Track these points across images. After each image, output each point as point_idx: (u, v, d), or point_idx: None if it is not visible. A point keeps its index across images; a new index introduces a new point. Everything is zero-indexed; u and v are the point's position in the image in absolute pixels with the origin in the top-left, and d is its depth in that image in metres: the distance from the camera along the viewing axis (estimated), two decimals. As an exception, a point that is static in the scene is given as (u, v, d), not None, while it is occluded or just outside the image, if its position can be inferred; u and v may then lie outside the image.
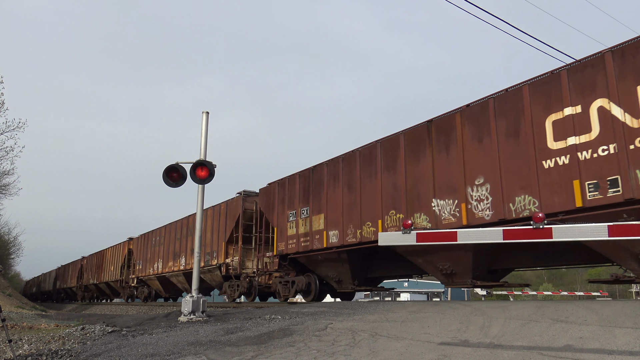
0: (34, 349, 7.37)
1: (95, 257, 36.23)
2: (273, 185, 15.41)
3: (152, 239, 25.73)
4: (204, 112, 10.73)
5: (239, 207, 17.40)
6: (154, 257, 24.42)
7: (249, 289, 16.71)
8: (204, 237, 18.52)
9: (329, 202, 12.65)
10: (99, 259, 35.21)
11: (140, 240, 27.35)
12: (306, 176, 13.79)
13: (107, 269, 32.61)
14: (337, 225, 12.25)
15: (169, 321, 9.59)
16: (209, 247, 18.87)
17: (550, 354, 4.36)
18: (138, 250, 27.37)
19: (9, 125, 29.18)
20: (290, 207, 14.29)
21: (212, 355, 5.55)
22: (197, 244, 10.39)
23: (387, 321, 6.69)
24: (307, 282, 14.20)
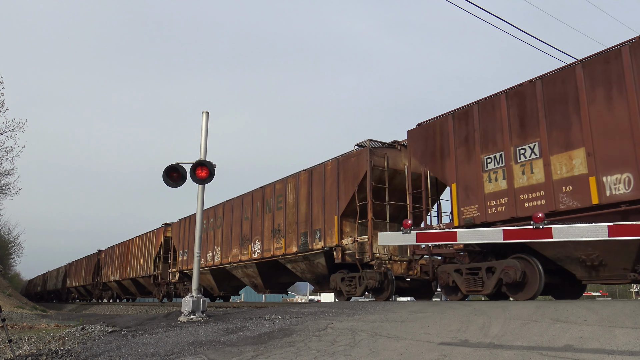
0: (34, 349, 7.37)
1: (118, 249, 31.40)
2: (442, 121, 10.56)
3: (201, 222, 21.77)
4: (204, 112, 10.73)
5: (364, 164, 12.18)
6: (207, 245, 19.67)
7: (381, 282, 11.81)
8: (295, 211, 14.48)
9: (596, 125, 7.74)
10: (122, 251, 30.43)
11: (183, 225, 22.21)
12: (524, 94, 8.90)
13: (135, 262, 27.82)
14: (626, 162, 7.31)
15: (169, 321, 9.60)
16: (305, 225, 14.08)
17: (550, 354, 4.36)
18: (180, 238, 22.29)
19: (9, 125, 29.22)
20: (489, 147, 9.36)
21: (212, 355, 5.55)
22: (197, 244, 10.39)
23: (387, 321, 6.69)
24: (523, 271, 8.78)
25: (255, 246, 16.38)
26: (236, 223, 17.77)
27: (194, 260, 10.36)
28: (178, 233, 22.75)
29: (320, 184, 13.71)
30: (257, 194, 16.69)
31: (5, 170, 32.84)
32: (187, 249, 21.39)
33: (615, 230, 3.55)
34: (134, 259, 28.23)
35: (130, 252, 29.01)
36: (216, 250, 18.96)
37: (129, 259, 29.12)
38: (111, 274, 32.20)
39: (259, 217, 16.30)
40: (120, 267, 30.50)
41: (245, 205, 17.33)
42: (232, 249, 17.85)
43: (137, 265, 27.47)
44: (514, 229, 3.99)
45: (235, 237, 17.68)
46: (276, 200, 15.52)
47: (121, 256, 30.63)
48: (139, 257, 27.42)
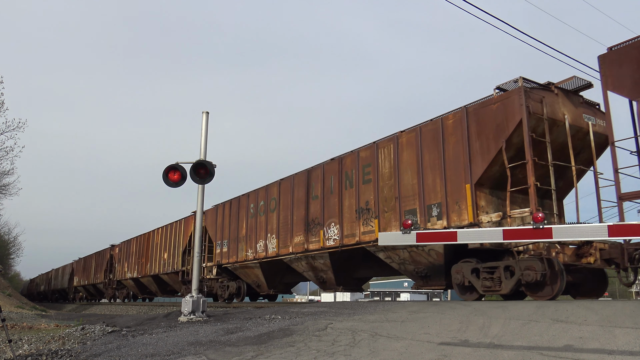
0: (34, 349, 7.37)
1: (135, 243, 28.12)
2: None
3: (247, 206, 17.23)
4: (204, 112, 10.73)
5: (516, 110, 9.25)
6: (257, 233, 16.40)
7: (543, 274, 8.61)
8: (394, 183, 11.45)
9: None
10: (141, 245, 27.05)
11: (222, 211, 18.86)
12: None
13: (157, 257, 24.49)
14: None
15: (169, 321, 9.60)
16: (411, 200, 10.98)
17: (550, 354, 4.36)
18: (218, 227, 19.10)
19: (9, 125, 29.23)
20: None
21: (212, 355, 5.55)
22: (197, 244, 10.39)
23: (387, 321, 6.69)
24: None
25: (330, 231, 13.17)
26: (299, 204, 14.50)
27: (194, 260, 10.36)
28: (215, 221, 19.35)
29: (436, 144, 10.60)
30: (330, 168, 13.55)
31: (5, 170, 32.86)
32: (228, 239, 18.05)
33: (615, 230, 3.55)
34: (156, 253, 24.75)
35: (152, 246, 25.49)
36: (270, 239, 15.59)
37: (149, 254, 25.64)
38: (127, 270, 28.86)
39: (335, 194, 13.11)
40: (138, 263, 27.16)
41: (312, 182, 14.10)
42: (293, 236, 14.55)
43: (161, 261, 24.07)
44: (514, 229, 3.99)
45: (299, 222, 14.39)
46: (362, 172, 12.40)
47: (139, 251, 27.25)
48: (163, 251, 24.01)
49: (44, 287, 55.89)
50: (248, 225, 17.06)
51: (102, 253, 34.42)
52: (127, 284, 29.91)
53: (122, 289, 31.31)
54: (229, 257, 17.92)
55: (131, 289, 29.92)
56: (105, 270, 33.03)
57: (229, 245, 17.98)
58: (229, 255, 17.89)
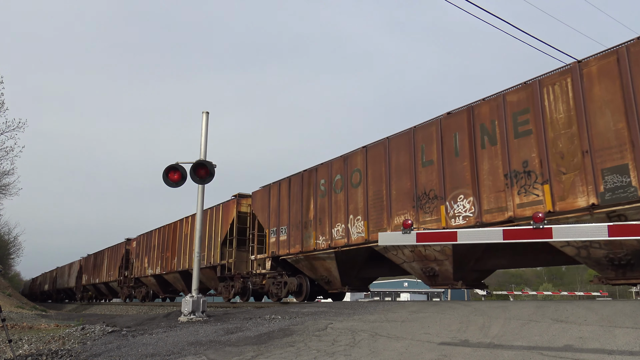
0: (34, 349, 7.37)
1: (158, 235, 24.76)
2: None
3: (315, 183, 13.79)
4: (204, 112, 10.73)
5: None
6: (330, 216, 12.97)
7: None
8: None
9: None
10: (165, 236, 23.77)
11: (275, 192, 15.41)
12: None
13: (186, 250, 21.31)
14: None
15: (169, 321, 9.60)
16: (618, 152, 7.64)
17: (550, 354, 4.36)
18: (272, 210, 15.55)
19: (9, 125, 29.28)
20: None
21: (212, 355, 5.55)
22: (197, 244, 10.39)
23: (387, 321, 6.69)
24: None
25: (458, 206, 9.86)
26: (400, 174, 11.02)
27: (194, 261, 10.36)
28: (266, 204, 15.86)
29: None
30: (452, 123, 10.18)
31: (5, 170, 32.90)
32: (287, 225, 14.64)
33: (615, 230, 3.55)
34: (185, 245, 21.47)
35: (179, 237, 22.14)
36: (354, 222, 12.18)
37: (176, 247, 22.23)
38: (147, 266, 25.37)
39: (463, 156, 9.85)
40: (162, 258, 23.82)
41: (421, 144, 10.70)
42: (392, 216, 11.09)
43: (192, 254, 20.29)
44: (514, 229, 3.99)
45: (401, 196, 10.94)
46: (512, 122, 9.15)
47: (163, 243, 23.86)
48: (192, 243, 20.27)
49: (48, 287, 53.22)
50: (318, 206, 13.46)
51: (116, 248, 31.18)
52: (146, 282, 26.48)
53: (140, 287, 27.87)
54: (289, 246, 14.51)
55: (151, 287, 26.36)
56: (120, 267, 29.77)
57: (289, 232, 14.56)
58: (290, 244, 14.48)
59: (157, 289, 25.65)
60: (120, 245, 30.68)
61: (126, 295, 29.52)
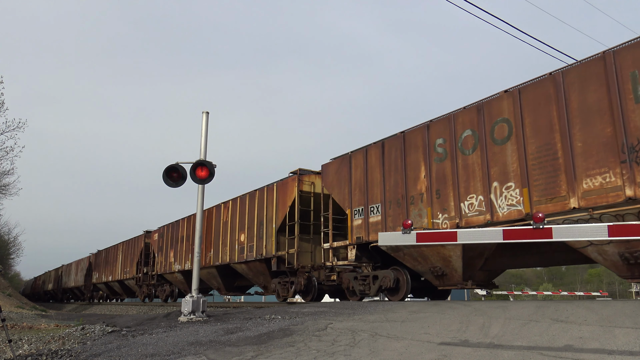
0: (34, 349, 7.37)
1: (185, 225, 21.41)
2: None
3: (426, 145, 10.73)
4: (204, 112, 10.74)
5: None
6: (455, 185, 10.00)
7: None
8: None
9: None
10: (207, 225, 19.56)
11: (363, 161, 12.23)
12: None
13: (228, 240, 17.76)
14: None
15: (169, 321, 9.60)
16: None
17: (550, 354, 4.36)
18: (354, 186, 12.42)
19: (9, 125, 29.27)
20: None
21: (212, 355, 5.55)
22: (197, 244, 10.40)
23: (387, 321, 6.69)
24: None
25: None
26: (590, 116, 7.96)
27: (194, 261, 10.36)
28: (346, 178, 12.63)
29: None
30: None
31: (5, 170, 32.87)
32: (381, 202, 11.47)
33: (615, 230, 3.55)
34: (224, 235, 18.21)
35: (216, 226, 18.87)
36: (499, 191, 9.21)
37: (211, 237, 19.22)
38: (174, 261, 22.29)
39: None
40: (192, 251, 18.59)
41: (636, 67, 7.52)
42: (577, 179, 8.01)
43: (234, 245, 17.34)
44: (514, 229, 3.99)
45: (594, 148, 7.90)
46: None
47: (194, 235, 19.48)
48: (237, 231, 17.31)
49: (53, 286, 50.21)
50: (432, 174, 10.52)
51: (134, 242, 27.85)
52: (172, 279, 23.17)
53: (162, 285, 24.51)
54: (385, 228, 11.46)
55: (178, 285, 23.08)
56: (139, 263, 26.52)
57: (385, 211, 11.39)
58: (385, 226, 11.39)
59: (185, 287, 22.24)
60: (138, 238, 27.23)
61: (145, 294, 26.17)
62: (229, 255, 17.69)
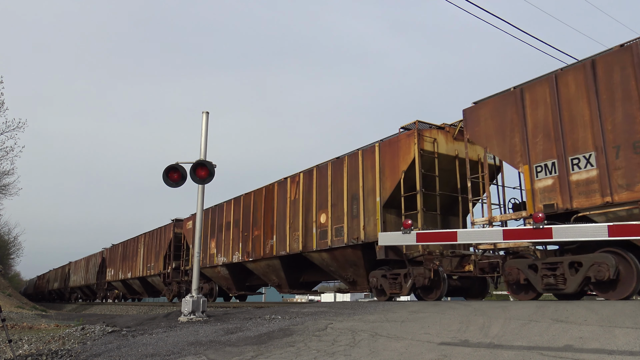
0: (34, 349, 7.37)
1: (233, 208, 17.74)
2: None
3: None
4: (204, 112, 10.74)
5: None
6: None
7: None
8: None
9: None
10: (248, 209, 16.65)
11: (533, 97, 9.09)
12: None
13: (293, 224, 14.48)
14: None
15: (169, 321, 9.60)
16: None
17: (550, 354, 4.36)
18: (523, 131, 9.14)
19: (9, 125, 29.28)
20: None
21: (212, 355, 5.55)
22: (197, 244, 10.40)
23: (387, 321, 6.69)
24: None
25: None
26: None
27: (194, 261, 10.36)
28: (516, 121, 9.33)
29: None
30: None
31: (5, 170, 32.86)
32: (593, 150, 8.09)
33: (615, 230, 3.55)
34: (292, 216, 14.49)
35: (279, 206, 15.05)
36: None
37: (272, 221, 15.27)
38: (216, 253, 18.43)
39: None
40: (243, 240, 16.62)
41: None
42: None
43: (306, 228, 13.81)
44: (514, 229, 3.99)
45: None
46: None
47: (246, 219, 16.66)
48: (313, 210, 13.62)
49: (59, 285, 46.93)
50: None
51: (160, 233, 23.95)
52: (212, 275, 19.40)
53: (203, 283, 20.61)
54: (610, 189, 7.74)
55: (220, 281, 19.29)
56: (166, 257, 22.79)
57: (607, 161, 7.83)
58: (610, 185, 7.75)
59: (230, 284, 18.30)
60: (165, 228, 23.20)
61: (174, 293, 22.17)
62: (302, 242, 13.91)
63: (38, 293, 58.57)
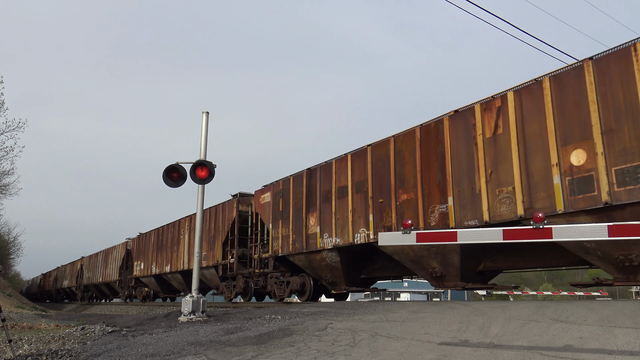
0: (34, 349, 7.37)
1: (345, 165, 12.26)
2: None
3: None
4: (204, 112, 10.74)
5: None
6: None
7: None
8: None
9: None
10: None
11: None
12: None
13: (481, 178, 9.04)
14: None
15: (169, 321, 9.60)
16: None
17: (550, 354, 4.36)
18: None
19: (9, 125, 29.31)
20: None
21: (212, 355, 5.55)
22: (197, 244, 10.39)
23: (387, 321, 6.69)
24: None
25: None
26: None
27: (194, 260, 10.36)
28: None
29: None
30: None
31: (5, 170, 32.89)
32: None
33: (615, 230, 3.55)
34: (471, 162, 9.28)
35: (419, 154, 10.38)
36: None
37: (422, 174, 10.29)
38: (320, 232, 12.85)
39: None
40: (378, 208, 11.19)
41: None
42: None
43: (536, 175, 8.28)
44: (514, 229, 3.99)
45: None
46: None
47: (378, 179, 11.38)
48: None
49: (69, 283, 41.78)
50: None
51: (216, 212, 18.21)
52: (308, 265, 13.56)
53: (283, 274, 14.92)
54: None
55: (324, 273, 13.24)
56: (227, 244, 17.28)
57: None
58: None
59: (337, 276, 12.97)
60: (225, 206, 17.63)
61: (240, 289, 16.42)
62: (526, 202, 8.56)
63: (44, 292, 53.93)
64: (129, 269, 28.14)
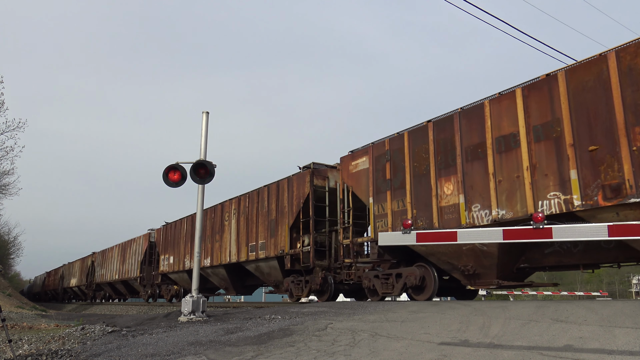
0: (34, 349, 7.37)
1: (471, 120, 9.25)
2: None
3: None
4: (204, 112, 10.74)
5: None
6: None
7: None
8: None
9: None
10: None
11: None
12: None
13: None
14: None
15: (169, 321, 9.60)
16: None
17: (550, 354, 4.36)
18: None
19: (9, 125, 29.27)
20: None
21: (212, 355, 5.55)
22: (197, 244, 10.39)
23: (387, 321, 6.69)
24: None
25: None
26: None
27: (194, 260, 10.35)
28: None
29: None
30: None
31: (5, 170, 32.84)
32: None
33: (615, 230, 3.55)
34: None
35: None
36: None
37: None
38: (465, 202, 9.43)
39: None
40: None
41: None
42: None
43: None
44: (514, 229, 3.99)
45: None
46: None
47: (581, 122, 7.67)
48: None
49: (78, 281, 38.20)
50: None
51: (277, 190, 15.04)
52: (437, 251, 9.92)
53: (406, 264, 10.99)
54: None
55: (465, 262, 9.63)
56: (294, 229, 14.03)
57: None
58: None
59: (488, 266, 9.42)
60: (292, 182, 14.43)
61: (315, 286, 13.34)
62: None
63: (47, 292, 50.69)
64: (152, 264, 24.35)
